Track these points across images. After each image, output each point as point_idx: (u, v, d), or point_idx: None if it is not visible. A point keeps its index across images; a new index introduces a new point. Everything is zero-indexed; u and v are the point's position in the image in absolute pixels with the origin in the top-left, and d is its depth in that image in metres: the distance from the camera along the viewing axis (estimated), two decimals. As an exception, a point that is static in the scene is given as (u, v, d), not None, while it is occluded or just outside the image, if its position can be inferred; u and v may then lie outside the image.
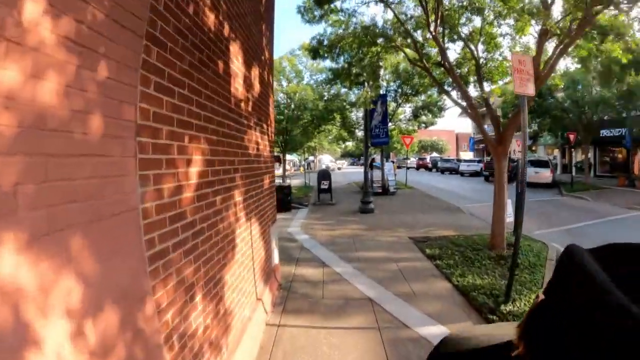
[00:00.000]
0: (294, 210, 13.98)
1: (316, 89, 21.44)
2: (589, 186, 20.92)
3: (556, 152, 33.25)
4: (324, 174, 16.10)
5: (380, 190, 18.01)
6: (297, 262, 7.24)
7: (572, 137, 21.20)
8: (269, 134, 5.63)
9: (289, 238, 9.24)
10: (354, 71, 10.86)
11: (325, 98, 20.96)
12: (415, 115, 20.77)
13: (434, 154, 55.46)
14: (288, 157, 56.20)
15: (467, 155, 57.36)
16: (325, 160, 56.39)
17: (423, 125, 23.32)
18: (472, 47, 8.60)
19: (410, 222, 11.34)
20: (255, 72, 4.75)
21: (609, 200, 16.59)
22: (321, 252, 7.90)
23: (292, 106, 20.77)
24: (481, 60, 8.95)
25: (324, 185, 15.66)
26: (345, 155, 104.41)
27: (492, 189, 8.38)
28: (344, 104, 20.70)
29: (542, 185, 22.18)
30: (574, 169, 30.62)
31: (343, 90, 21.34)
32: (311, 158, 54.96)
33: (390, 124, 21.94)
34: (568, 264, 0.49)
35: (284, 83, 20.74)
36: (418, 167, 47.84)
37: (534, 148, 35.65)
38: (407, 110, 21.74)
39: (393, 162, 24.61)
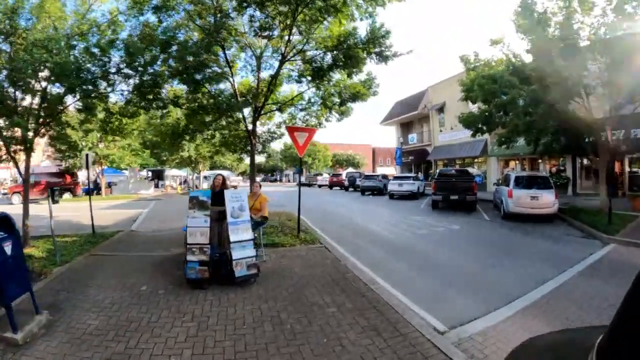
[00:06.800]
0: None
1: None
2: (623, 218, 11.42)
3: (513, 164, 24.61)
4: None
5: (205, 275, 5.99)
6: None
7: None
8: None
9: None
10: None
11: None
12: (319, 71, 9.39)
13: (350, 169, 46.17)
14: (175, 172, 42.05)
15: (388, 170, 49.21)
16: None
17: (337, 113, 12.20)
18: None
19: None
20: None
21: None
22: None
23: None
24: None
25: None
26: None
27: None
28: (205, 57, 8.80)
29: (542, 217, 12.42)
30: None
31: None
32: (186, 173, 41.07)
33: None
34: None
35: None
36: (331, 186, 37.28)
37: (480, 160, 26.97)
38: (295, 71, 10.56)
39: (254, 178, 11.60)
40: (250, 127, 11.89)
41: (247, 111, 12.52)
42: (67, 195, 26.78)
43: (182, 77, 9.57)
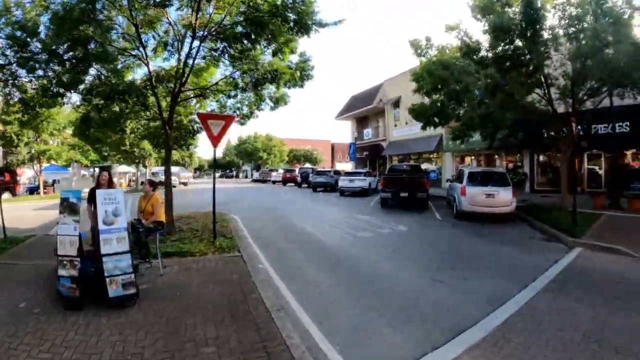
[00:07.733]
0: None
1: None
2: (586, 218, 10.41)
3: (469, 160, 23.88)
4: None
5: (75, 294, 4.50)
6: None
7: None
8: None
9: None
10: None
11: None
12: (230, 44, 7.81)
13: (307, 165, 44.65)
14: (124, 168, 37.89)
15: (347, 166, 47.86)
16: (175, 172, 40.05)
17: (271, 100, 10.55)
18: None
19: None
20: None
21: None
22: None
23: None
24: None
25: None
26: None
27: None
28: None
29: (499, 217, 11.28)
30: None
31: None
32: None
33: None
34: None
35: None
36: (284, 182, 35.63)
37: (435, 155, 26.12)
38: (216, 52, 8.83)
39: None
40: (167, 116, 9.94)
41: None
42: (6, 195, 23.46)
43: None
